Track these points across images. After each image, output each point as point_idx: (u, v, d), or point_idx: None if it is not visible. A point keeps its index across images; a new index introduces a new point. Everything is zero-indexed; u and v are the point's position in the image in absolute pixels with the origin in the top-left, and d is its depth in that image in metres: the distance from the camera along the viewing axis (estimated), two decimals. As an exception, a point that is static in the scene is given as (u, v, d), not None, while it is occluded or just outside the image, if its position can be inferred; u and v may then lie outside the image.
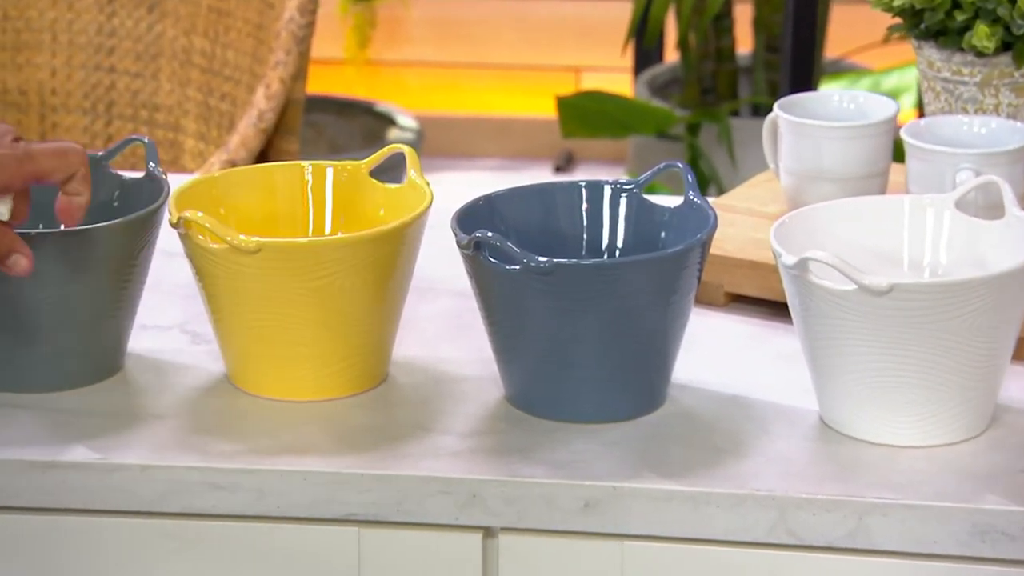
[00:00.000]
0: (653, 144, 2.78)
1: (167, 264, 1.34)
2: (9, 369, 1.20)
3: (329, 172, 1.28)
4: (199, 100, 2.25)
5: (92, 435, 1.18)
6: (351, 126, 3.13)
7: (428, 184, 1.25)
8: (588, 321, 1.15)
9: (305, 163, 1.28)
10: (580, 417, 1.18)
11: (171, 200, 1.22)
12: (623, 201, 1.23)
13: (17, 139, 1.13)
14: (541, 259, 1.14)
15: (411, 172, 1.26)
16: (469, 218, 1.20)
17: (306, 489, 1.15)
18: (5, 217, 1.14)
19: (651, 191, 1.48)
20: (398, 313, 1.24)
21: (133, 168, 1.54)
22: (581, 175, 3.46)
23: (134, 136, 1.26)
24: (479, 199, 1.22)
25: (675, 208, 1.22)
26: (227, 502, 1.15)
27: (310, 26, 2.11)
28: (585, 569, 1.13)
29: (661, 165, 1.22)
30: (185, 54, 2.25)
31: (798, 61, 2.36)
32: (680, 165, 1.22)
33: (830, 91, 1.39)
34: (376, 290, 1.21)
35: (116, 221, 1.20)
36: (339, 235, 1.24)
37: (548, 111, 3.60)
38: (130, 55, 2.27)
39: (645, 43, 2.81)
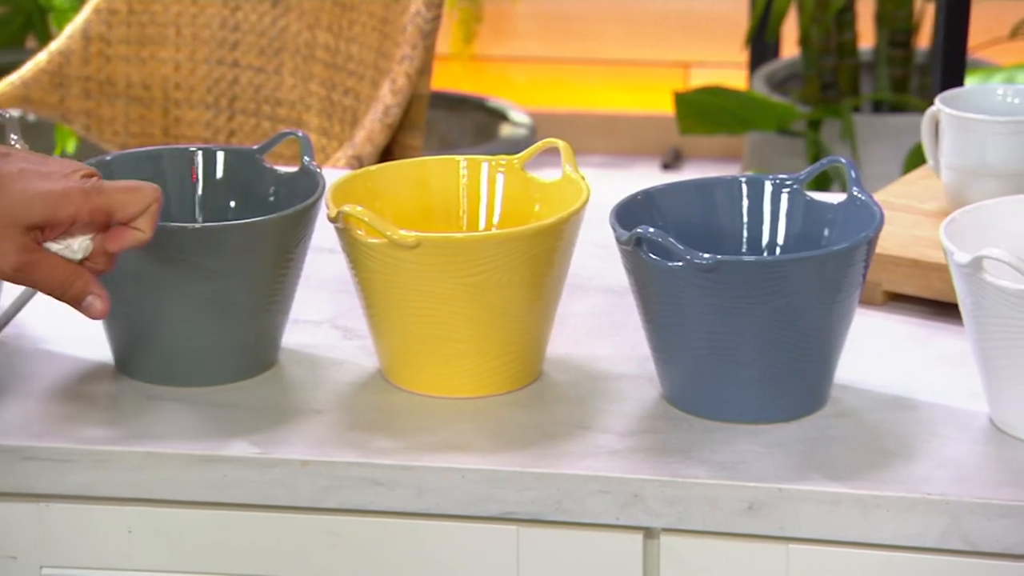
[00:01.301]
0: (773, 140, 2.75)
1: (316, 258, 1.34)
2: (167, 363, 1.20)
3: (485, 167, 1.26)
4: (322, 95, 2.25)
5: (251, 429, 1.17)
6: (463, 122, 3.13)
7: (584, 179, 1.24)
8: (750, 319, 1.13)
9: (460, 157, 1.27)
10: (741, 417, 1.16)
11: (328, 194, 1.21)
12: (784, 197, 1.21)
13: (89, 175, 1.11)
14: (704, 256, 1.12)
15: (566, 167, 1.25)
16: (627, 213, 1.19)
17: (464, 486, 1.14)
18: (78, 256, 1.11)
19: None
20: (554, 310, 1.22)
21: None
22: (689, 172, 3.44)
23: (288, 131, 1.26)
24: (637, 194, 1.21)
25: (839, 204, 1.20)
26: (386, 498, 1.14)
27: (436, 20, 2.10)
28: (749, 572, 1.11)
29: (824, 161, 1.20)
30: (308, 49, 2.26)
31: (950, 55, 2.32)
32: (843, 160, 1.19)
33: (992, 85, 1.36)
34: (533, 286, 1.20)
35: (274, 215, 1.20)
36: (498, 230, 1.22)
37: (655, 107, 3.58)
38: (253, 50, 2.28)
39: (767, 38, 2.78)
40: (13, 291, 1.27)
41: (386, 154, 2.17)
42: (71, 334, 1.26)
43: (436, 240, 1.18)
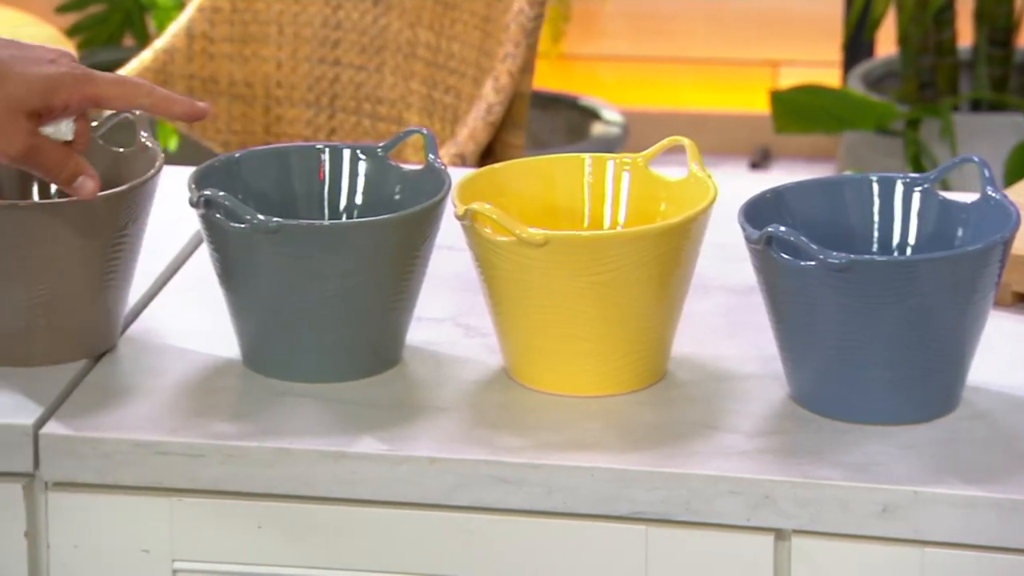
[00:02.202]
0: (869, 140, 2.73)
1: (436, 256, 1.33)
2: (295, 359, 1.21)
3: (610, 165, 1.26)
4: (423, 93, 2.25)
5: (378, 426, 1.17)
6: (554, 120, 3.13)
7: (711, 177, 1.23)
8: (883, 320, 1.12)
9: (586, 155, 1.27)
10: (872, 418, 1.15)
11: (455, 192, 1.22)
12: (916, 196, 1.20)
13: (75, 60, 1.13)
14: (837, 255, 1.11)
15: (692, 165, 1.24)
16: (756, 212, 1.18)
17: (593, 485, 1.13)
18: (69, 137, 1.13)
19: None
20: (679, 309, 1.22)
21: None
22: (778, 172, 3.42)
23: (414, 128, 1.26)
24: (766, 192, 1.20)
25: (972, 204, 1.18)
26: (514, 497, 1.14)
27: (539, 19, 2.10)
28: (882, 575, 1.10)
29: (956, 159, 1.19)
30: (410, 47, 2.26)
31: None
32: (976, 159, 1.18)
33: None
34: (660, 285, 1.19)
35: (403, 213, 1.20)
36: (626, 229, 1.22)
37: (743, 106, 3.56)
38: (355, 48, 2.28)
39: (865, 37, 2.76)
40: (140, 287, 1.29)
41: (488, 152, 2.17)
42: (198, 329, 1.27)
43: (564, 238, 1.17)
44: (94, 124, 1.25)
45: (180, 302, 1.31)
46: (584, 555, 1.15)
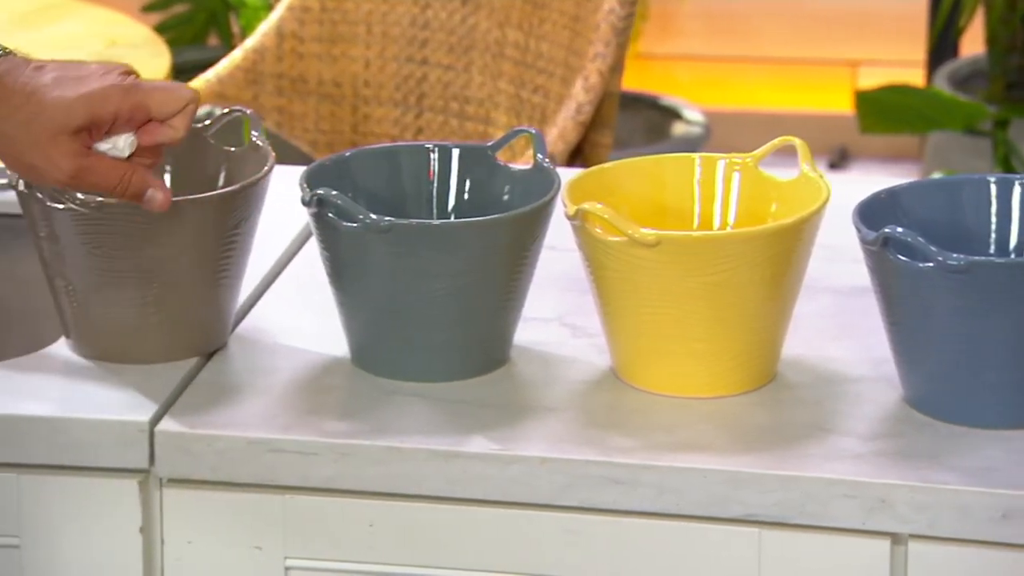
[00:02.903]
0: (957, 140, 2.70)
1: (541, 255, 1.34)
2: (404, 358, 1.21)
3: (721, 165, 1.26)
4: (511, 93, 2.25)
5: (489, 426, 1.17)
6: (634, 120, 3.12)
7: (823, 177, 1.22)
8: (1002, 322, 1.11)
9: (695, 155, 1.26)
10: (990, 422, 1.14)
11: (565, 192, 1.21)
12: (1035, 199, 1.19)
13: (126, 73, 1.13)
14: (956, 257, 1.10)
15: (804, 165, 1.23)
16: (871, 213, 1.17)
17: (706, 487, 1.13)
18: (126, 153, 1.12)
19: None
20: (790, 310, 1.21)
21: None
22: (856, 172, 3.40)
23: (522, 127, 1.26)
24: (880, 193, 1.19)
25: (1092, 207, 1.17)
26: (626, 498, 1.14)
27: (630, 18, 2.10)
28: (1000, 580, 1.10)
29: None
30: (498, 46, 2.26)
31: None
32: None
33: None
34: (771, 286, 1.19)
35: (512, 213, 1.20)
36: (740, 229, 1.21)
37: (821, 106, 3.54)
38: (443, 47, 2.29)
39: (954, 38, 2.73)
40: (247, 285, 1.29)
41: (576, 152, 2.17)
42: (306, 328, 1.27)
43: (677, 239, 1.17)
44: (206, 122, 1.26)
45: (288, 300, 1.31)
46: (695, 557, 1.14)
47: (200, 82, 2.27)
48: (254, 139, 1.25)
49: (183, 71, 2.34)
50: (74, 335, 1.22)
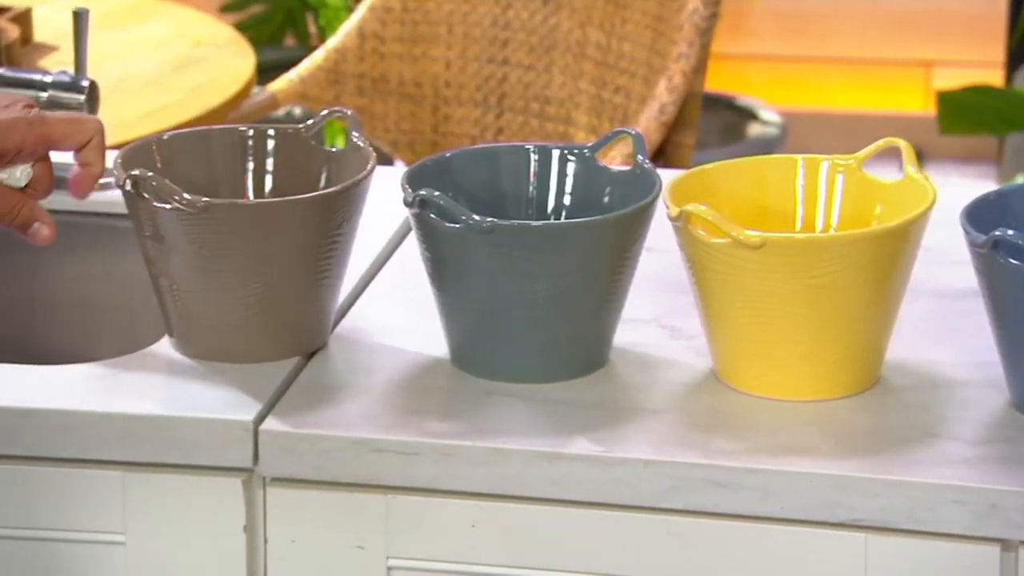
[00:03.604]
0: (1039, 142, 2.68)
1: (638, 257, 1.33)
2: (505, 359, 1.21)
3: (824, 166, 1.25)
4: (591, 93, 2.25)
5: (590, 427, 1.17)
6: (710, 121, 3.11)
7: (929, 179, 1.21)
8: (1113, 327, 1.10)
9: (798, 156, 1.25)
10: (1100, 427, 1.13)
11: (667, 193, 1.21)
12: None
13: (29, 106, 1.14)
14: (1066, 261, 1.09)
15: (909, 167, 1.23)
16: (979, 215, 1.16)
17: (812, 491, 1.12)
18: (21, 184, 1.14)
19: None
20: (895, 313, 1.20)
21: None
22: (931, 173, 3.36)
23: (622, 128, 1.25)
24: (989, 194, 1.18)
25: None
26: (730, 501, 1.13)
27: (714, 18, 2.09)
28: (1112, 587, 1.08)
29: None
30: (579, 47, 2.26)
31: None
32: None
33: None
34: (876, 288, 1.18)
35: (615, 214, 1.19)
36: (846, 231, 1.20)
37: (895, 107, 3.52)
38: (523, 47, 2.28)
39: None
40: (345, 285, 1.29)
41: (659, 153, 2.16)
42: (404, 328, 1.27)
43: (782, 240, 1.16)
44: (308, 122, 1.26)
45: (386, 300, 1.31)
46: (800, 562, 1.13)
47: (283, 82, 2.28)
48: (354, 140, 1.26)
49: (260, 71, 2.34)
50: (177, 334, 1.22)
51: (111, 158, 1.47)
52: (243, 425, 1.16)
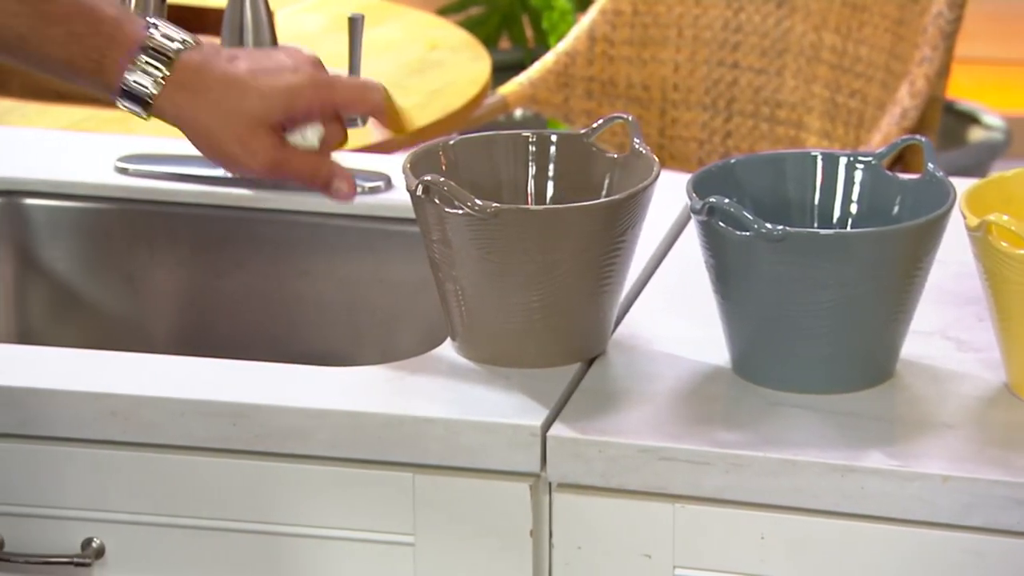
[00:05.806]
0: None
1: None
2: (790, 369, 1.19)
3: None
4: (825, 97, 2.22)
5: (882, 441, 1.15)
6: (928, 125, 3.05)
7: None
8: None
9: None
10: None
11: (963, 202, 1.18)
12: None
13: (318, 65, 1.13)
14: None
15: None
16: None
17: (1118, 512, 1.09)
18: (315, 144, 1.13)
19: None
20: None
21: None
22: None
23: (909, 137, 1.23)
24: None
25: None
26: (1032, 519, 1.10)
27: (958, 21, 2.05)
28: None
29: None
30: (813, 50, 2.23)
31: None
32: None
33: None
34: None
35: (908, 224, 1.17)
36: None
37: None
38: (755, 51, 2.26)
39: None
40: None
41: (898, 158, 2.12)
42: (681, 334, 1.26)
43: (1086, 252, 1.13)
44: (593, 126, 1.26)
45: (660, 307, 1.30)
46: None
47: (513, 85, 2.28)
48: (636, 146, 1.24)
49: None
50: (461, 338, 1.22)
51: (375, 162, 1.49)
52: (531, 430, 1.15)
